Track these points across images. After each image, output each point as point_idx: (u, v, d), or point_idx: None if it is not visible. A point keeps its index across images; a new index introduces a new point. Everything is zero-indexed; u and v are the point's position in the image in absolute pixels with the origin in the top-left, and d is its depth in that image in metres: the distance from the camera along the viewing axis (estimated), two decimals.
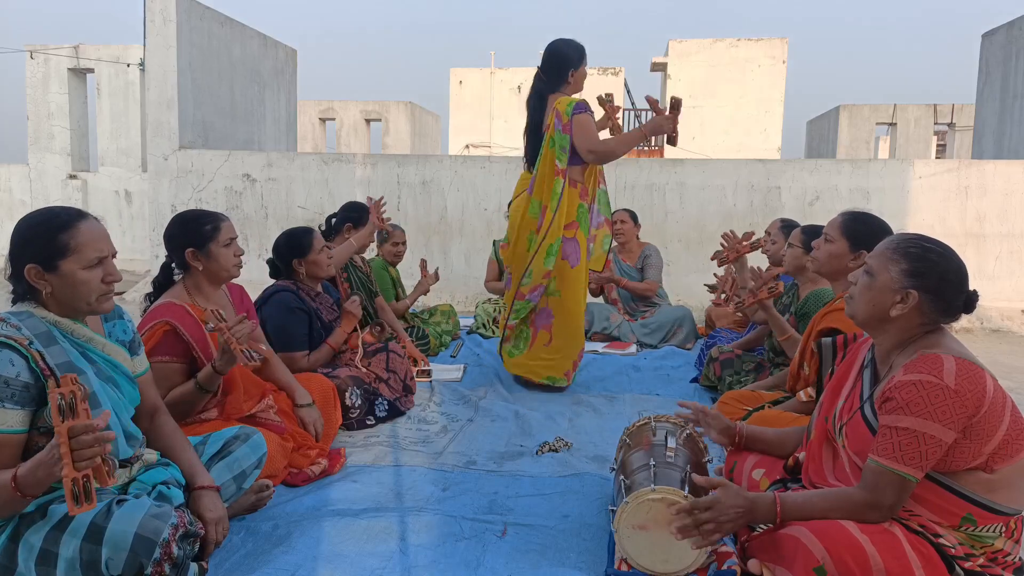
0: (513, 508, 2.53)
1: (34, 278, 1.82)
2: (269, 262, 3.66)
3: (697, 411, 2.33)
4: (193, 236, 2.65)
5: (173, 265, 2.74)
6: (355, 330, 3.77)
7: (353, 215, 4.42)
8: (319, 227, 4.51)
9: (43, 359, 1.77)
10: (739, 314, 4.45)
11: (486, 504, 2.56)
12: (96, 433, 1.54)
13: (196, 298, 2.68)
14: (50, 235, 1.82)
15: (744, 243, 4.18)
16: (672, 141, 3.89)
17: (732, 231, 4.32)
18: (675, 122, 3.82)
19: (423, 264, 5.28)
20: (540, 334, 4.11)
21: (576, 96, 4.05)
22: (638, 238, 5.90)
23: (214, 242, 2.67)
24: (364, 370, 3.63)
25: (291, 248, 3.56)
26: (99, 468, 1.55)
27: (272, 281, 3.64)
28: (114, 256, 1.93)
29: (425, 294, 5.25)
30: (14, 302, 1.90)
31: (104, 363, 1.95)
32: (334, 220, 4.46)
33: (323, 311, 3.60)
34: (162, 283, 2.74)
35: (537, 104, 4.09)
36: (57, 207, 1.92)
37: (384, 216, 4.41)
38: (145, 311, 2.67)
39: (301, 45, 10.98)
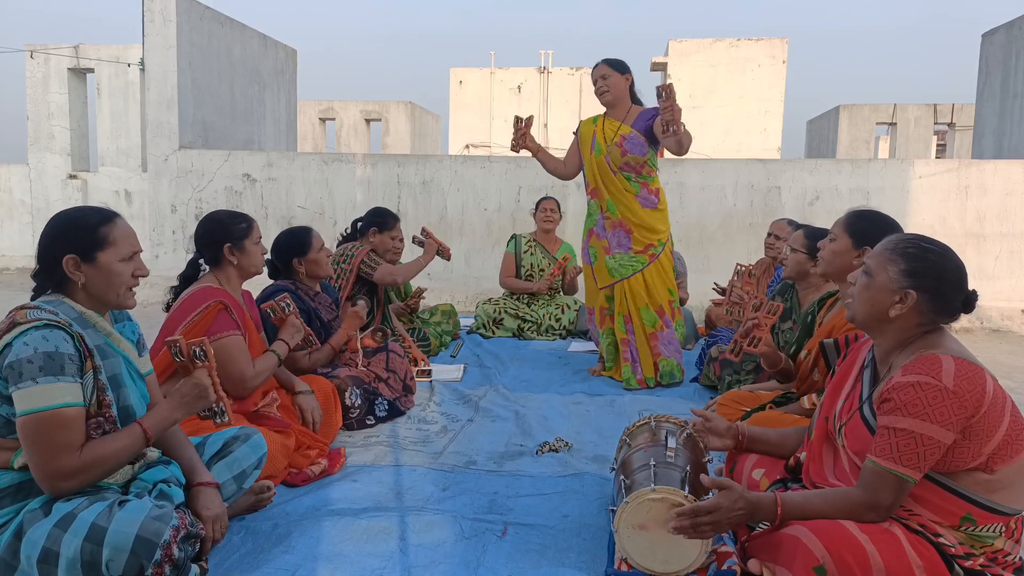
0: (513, 508, 2.53)
1: (71, 268, 1.88)
2: (268, 262, 3.66)
3: (702, 422, 2.30)
4: (230, 233, 2.82)
5: (200, 261, 2.87)
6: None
7: (378, 220, 4.44)
8: (344, 230, 4.54)
9: (83, 340, 1.84)
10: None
11: (486, 504, 2.56)
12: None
13: (227, 288, 2.85)
14: (92, 228, 1.91)
15: (770, 316, 3.22)
16: (671, 132, 3.85)
17: (734, 280, 4.16)
18: (672, 111, 3.81)
19: (425, 230, 4.80)
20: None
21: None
22: None
23: (248, 239, 2.86)
24: (364, 370, 3.63)
25: (291, 247, 3.56)
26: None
27: (270, 281, 3.64)
28: (140, 253, 2.02)
29: (431, 260, 4.83)
30: (34, 298, 1.94)
31: (119, 357, 1.99)
32: (360, 224, 4.47)
33: (322, 310, 3.60)
34: (189, 277, 2.87)
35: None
36: (91, 206, 2.04)
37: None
38: (169, 304, 2.82)
39: (301, 45, 10.98)
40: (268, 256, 3.65)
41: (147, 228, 8.39)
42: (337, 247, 4.38)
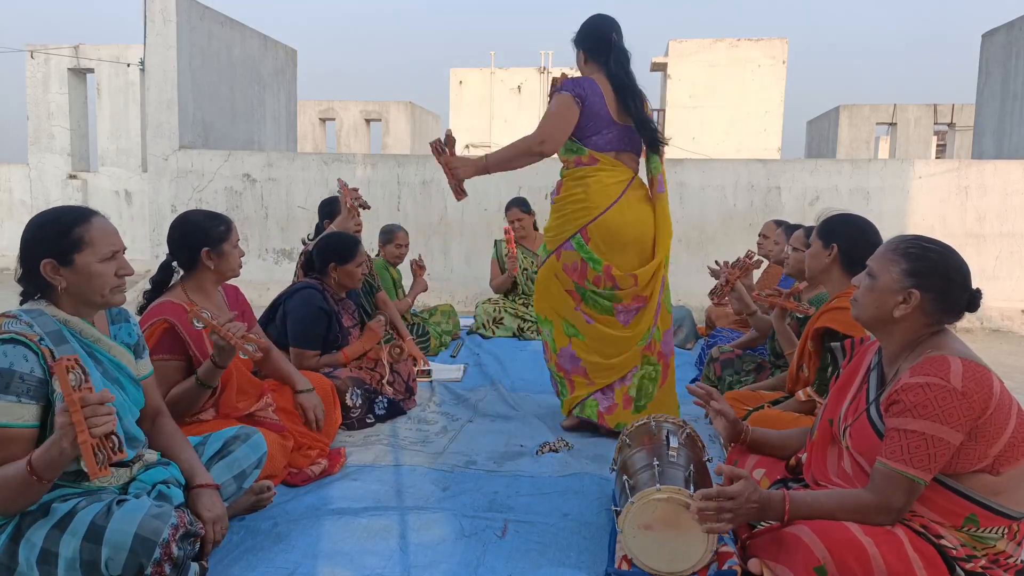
0: (513, 507, 2.53)
1: (50, 273, 1.84)
2: (307, 253, 3.68)
3: (706, 395, 2.29)
4: (209, 236, 2.68)
5: (173, 264, 2.75)
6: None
7: (327, 212, 4.46)
8: (308, 235, 4.50)
9: (52, 356, 1.78)
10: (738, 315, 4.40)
11: (486, 503, 2.56)
12: (108, 405, 1.60)
13: (194, 297, 2.69)
14: (65, 230, 1.86)
15: (734, 270, 3.80)
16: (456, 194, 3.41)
17: (719, 261, 3.88)
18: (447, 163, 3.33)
19: (414, 264, 5.20)
20: (671, 364, 3.46)
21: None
22: None
23: (227, 242, 2.72)
24: (388, 388, 3.63)
25: (335, 252, 3.58)
26: (109, 437, 1.60)
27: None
28: (124, 251, 1.97)
29: (425, 290, 5.21)
30: (22, 302, 1.91)
31: (110, 364, 1.96)
32: (326, 222, 4.46)
33: (344, 315, 3.63)
34: (160, 282, 2.75)
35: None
36: (68, 205, 1.97)
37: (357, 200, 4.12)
38: (142, 309, 2.69)
39: (301, 45, 10.98)
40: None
41: (147, 228, 8.40)
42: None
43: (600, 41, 3.31)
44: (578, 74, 3.40)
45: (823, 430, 1.97)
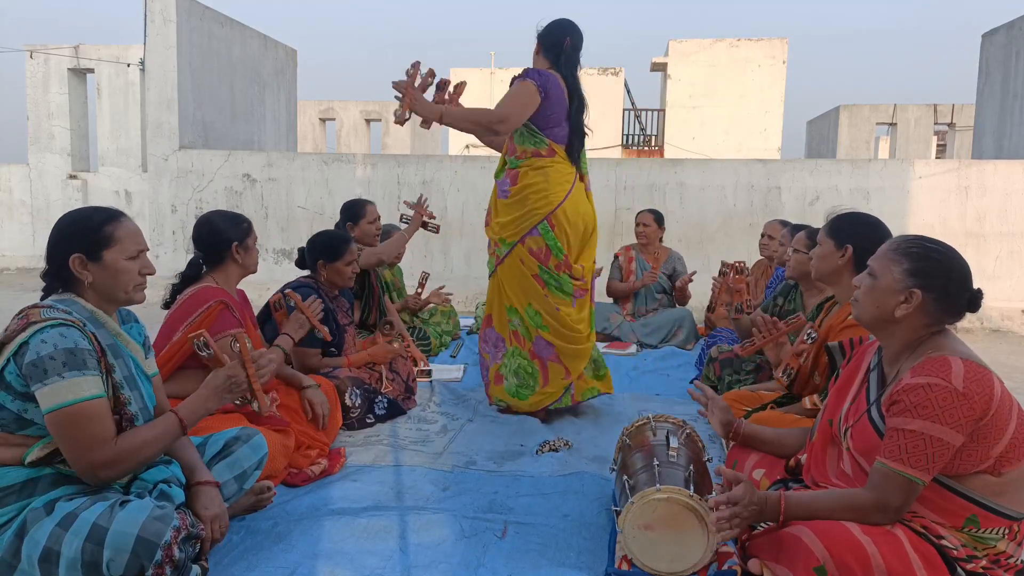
0: (513, 508, 2.53)
1: (78, 267, 1.91)
2: (300, 250, 3.71)
3: (705, 397, 2.36)
4: (236, 232, 2.85)
5: (200, 261, 2.87)
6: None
7: (353, 212, 4.43)
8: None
9: (96, 340, 1.87)
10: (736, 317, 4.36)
11: (486, 504, 2.56)
12: (267, 356, 2.08)
13: (225, 288, 2.85)
14: (96, 227, 1.94)
15: (783, 328, 3.16)
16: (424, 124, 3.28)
17: (768, 318, 3.08)
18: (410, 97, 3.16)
19: (422, 283, 5.25)
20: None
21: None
22: (661, 241, 5.80)
23: (250, 237, 2.90)
24: (367, 371, 3.63)
25: (324, 249, 3.57)
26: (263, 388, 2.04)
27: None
28: (147, 251, 2.04)
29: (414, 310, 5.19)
30: (43, 298, 1.96)
31: (129, 358, 2.01)
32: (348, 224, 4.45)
33: (339, 314, 3.62)
34: (190, 277, 2.86)
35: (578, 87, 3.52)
36: (97, 206, 2.07)
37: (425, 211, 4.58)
38: (167, 304, 2.80)
39: (301, 45, 10.98)
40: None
41: (147, 228, 8.39)
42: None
43: (556, 43, 3.48)
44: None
45: (823, 431, 1.97)
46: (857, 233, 2.53)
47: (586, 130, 3.57)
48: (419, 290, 5.21)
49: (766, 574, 1.79)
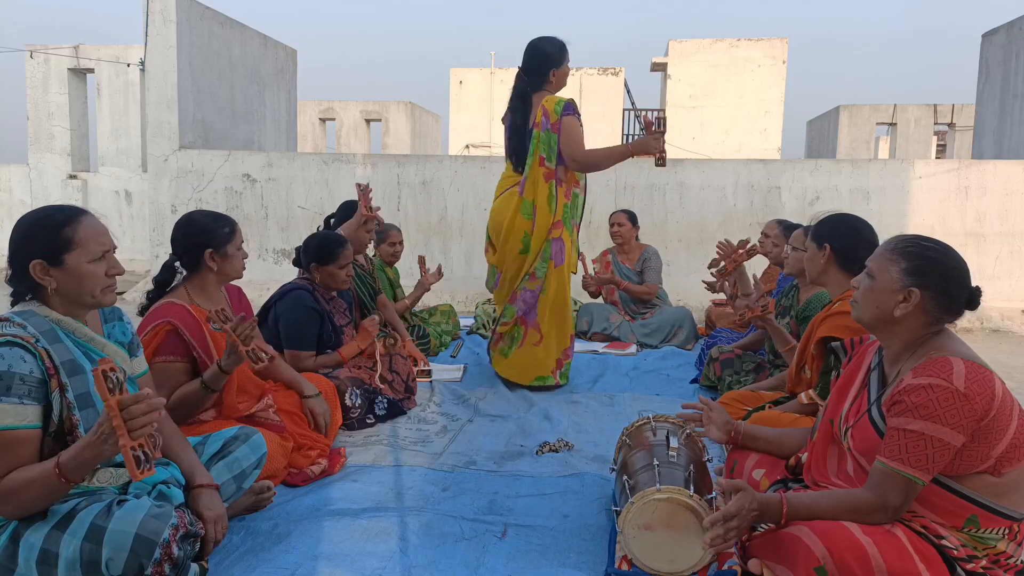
0: (513, 508, 2.53)
1: (39, 274, 1.83)
2: (297, 250, 3.69)
3: (702, 406, 2.35)
4: (213, 238, 2.67)
5: (176, 264, 2.73)
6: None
7: (349, 215, 4.41)
8: (317, 228, 4.50)
9: (49, 357, 1.78)
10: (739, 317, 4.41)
11: (486, 504, 2.56)
12: (148, 401, 1.61)
13: (197, 299, 2.68)
14: (54, 230, 1.84)
15: (740, 251, 4.19)
16: (661, 162, 3.87)
17: (727, 240, 4.29)
18: (662, 142, 3.79)
19: (421, 261, 5.22)
20: (530, 333, 4.08)
21: (563, 95, 3.99)
22: (637, 239, 5.85)
23: (231, 244, 2.71)
24: (383, 386, 3.62)
25: (317, 252, 3.56)
26: (152, 437, 1.63)
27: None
28: (115, 250, 1.95)
29: (427, 291, 5.21)
30: (13, 303, 1.90)
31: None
32: (332, 220, 4.45)
33: (335, 314, 3.62)
34: (163, 282, 2.73)
35: (518, 104, 4.01)
36: (56, 205, 1.94)
37: (373, 206, 4.21)
38: (143, 310, 2.67)
39: (301, 45, 10.97)
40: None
41: (147, 228, 8.40)
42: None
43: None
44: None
45: (824, 431, 1.97)
46: (835, 232, 2.67)
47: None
48: (423, 270, 5.14)
49: (766, 574, 1.79)
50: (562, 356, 4.13)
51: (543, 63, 3.95)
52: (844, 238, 2.64)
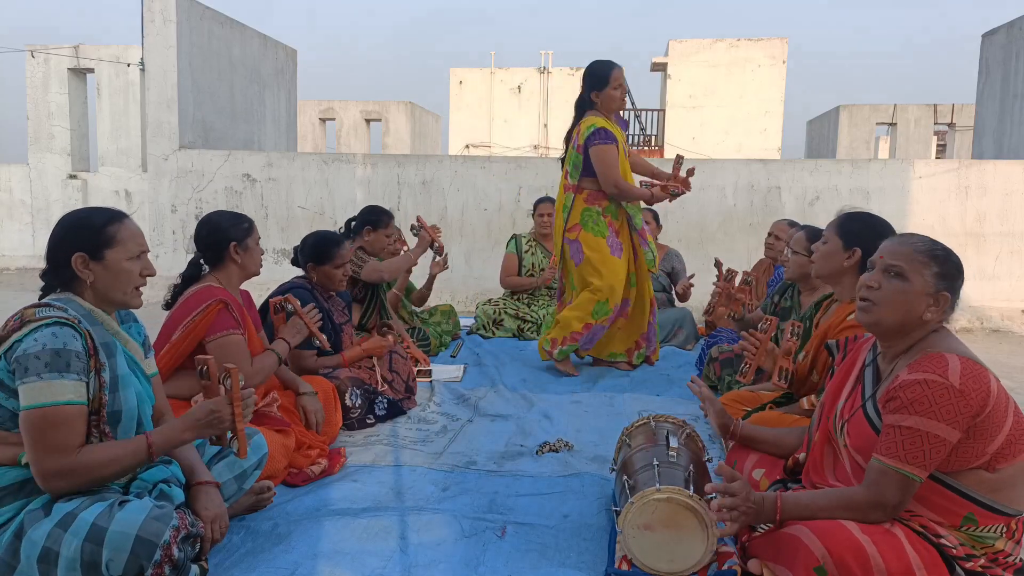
0: (513, 508, 2.53)
1: (80, 266, 1.91)
2: (295, 249, 3.71)
3: (702, 393, 2.38)
4: (236, 232, 2.83)
5: (201, 261, 2.87)
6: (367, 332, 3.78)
7: (372, 218, 4.41)
8: (338, 230, 4.50)
9: (91, 337, 1.86)
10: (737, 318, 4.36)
11: (486, 504, 2.56)
12: (250, 391, 2.00)
13: (227, 287, 2.85)
14: (99, 227, 1.95)
15: (733, 288, 3.94)
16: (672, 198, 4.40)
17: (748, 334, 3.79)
18: (682, 182, 4.36)
19: (420, 220, 4.80)
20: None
21: (599, 120, 4.21)
22: (656, 239, 5.81)
23: (250, 238, 2.87)
24: (385, 386, 3.62)
25: (314, 251, 3.56)
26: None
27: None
28: (147, 253, 2.05)
29: (442, 269, 5.02)
30: (42, 297, 1.96)
31: (126, 357, 2.00)
32: (353, 223, 4.45)
33: (335, 313, 3.61)
34: (191, 277, 2.86)
35: (573, 121, 4.36)
36: (99, 207, 2.07)
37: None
38: (168, 305, 2.81)
39: (301, 45, 10.98)
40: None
41: (147, 228, 8.38)
42: None
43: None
44: (579, 78, 4.11)
45: (821, 429, 1.98)
46: (868, 237, 2.45)
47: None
48: (424, 225, 4.81)
49: (766, 574, 1.79)
50: (633, 346, 4.62)
51: (588, 84, 4.26)
52: (875, 244, 2.49)
